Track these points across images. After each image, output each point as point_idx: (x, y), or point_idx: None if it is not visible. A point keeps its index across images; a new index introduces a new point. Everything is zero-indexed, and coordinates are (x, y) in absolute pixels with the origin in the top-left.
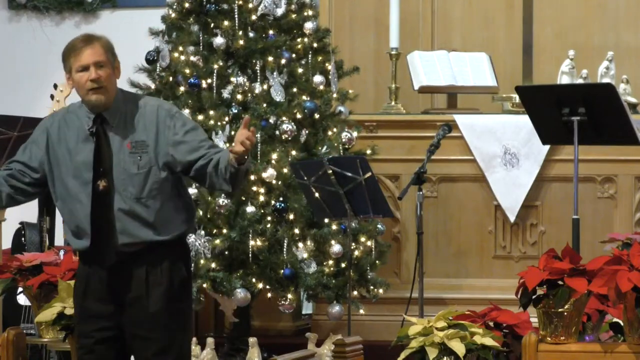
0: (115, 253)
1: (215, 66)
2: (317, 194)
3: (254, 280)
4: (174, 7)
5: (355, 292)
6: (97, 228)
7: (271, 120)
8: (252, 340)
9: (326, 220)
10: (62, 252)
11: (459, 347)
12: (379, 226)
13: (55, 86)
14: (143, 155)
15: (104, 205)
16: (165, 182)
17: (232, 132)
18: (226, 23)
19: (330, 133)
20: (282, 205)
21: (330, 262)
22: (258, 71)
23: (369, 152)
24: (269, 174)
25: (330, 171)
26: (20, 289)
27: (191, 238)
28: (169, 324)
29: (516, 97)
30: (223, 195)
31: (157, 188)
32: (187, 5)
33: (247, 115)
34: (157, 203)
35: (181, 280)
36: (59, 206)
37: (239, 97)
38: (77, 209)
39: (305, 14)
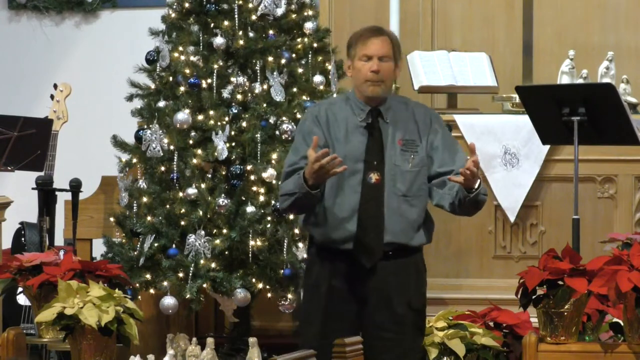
0: (380, 250)
1: (215, 66)
2: None
3: (254, 280)
4: (174, 7)
5: None
6: (366, 221)
7: (271, 120)
8: (252, 340)
9: None
10: (62, 252)
11: (459, 347)
12: None
13: (55, 86)
14: (415, 155)
15: (376, 197)
16: (425, 187)
17: (232, 132)
18: (226, 23)
19: None
20: None
21: None
22: (258, 71)
23: None
24: (269, 174)
25: None
26: (20, 289)
27: (191, 238)
28: (411, 327)
29: (516, 97)
30: (223, 195)
31: (423, 189)
32: (187, 5)
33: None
34: (421, 204)
35: (424, 282)
36: (325, 193)
37: (239, 97)
38: (343, 197)
39: (305, 14)
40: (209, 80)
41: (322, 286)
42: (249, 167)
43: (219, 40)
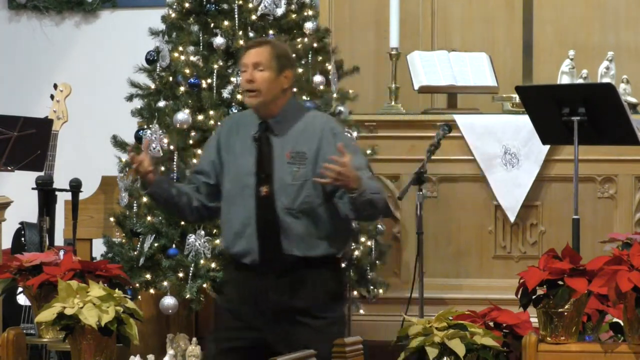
0: (278, 260)
1: (215, 66)
2: None
3: None
4: (174, 7)
5: (355, 292)
6: (264, 232)
7: None
8: None
9: None
10: (62, 252)
11: (459, 347)
12: (379, 226)
13: (55, 86)
14: (300, 167)
15: (269, 209)
16: (317, 199)
17: None
18: (226, 23)
19: None
20: None
21: None
22: None
23: (369, 152)
24: None
25: None
26: (20, 289)
27: (191, 238)
28: (316, 337)
29: (516, 97)
30: None
31: (315, 202)
32: (187, 5)
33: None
34: (311, 217)
35: (332, 293)
36: (222, 208)
37: (239, 97)
38: (236, 211)
39: (305, 14)
40: (209, 80)
41: (229, 294)
42: None
43: (219, 40)
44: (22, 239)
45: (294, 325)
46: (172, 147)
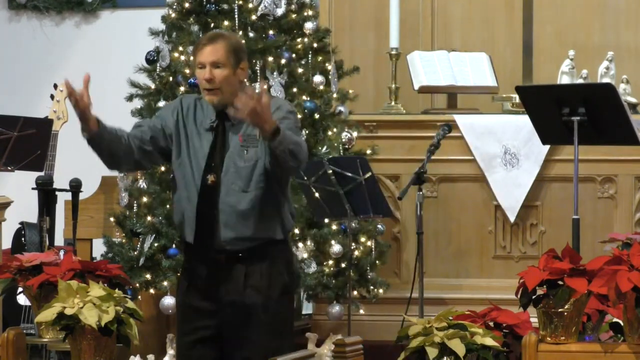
0: (218, 250)
1: None
2: (317, 194)
3: None
4: (174, 7)
5: (355, 292)
6: (202, 220)
7: None
8: None
9: (326, 220)
10: (62, 252)
11: (459, 347)
12: (379, 226)
13: (55, 86)
14: (250, 149)
15: (211, 199)
16: (269, 179)
17: None
18: (226, 23)
19: (330, 133)
20: None
21: (330, 262)
22: (258, 71)
23: (369, 152)
24: None
25: (330, 171)
26: (20, 289)
27: None
28: (265, 329)
29: (516, 97)
30: None
31: (263, 181)
32: (187, 5)
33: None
34: (260, 198)
35: (281, 284)
36: (174, 184)
37: None
38: (187, 191)
39: (305, 14)
40: None
41: (183, 281)
42: None
43: None
44: (22, 239)
45: (244, 316)
46: None
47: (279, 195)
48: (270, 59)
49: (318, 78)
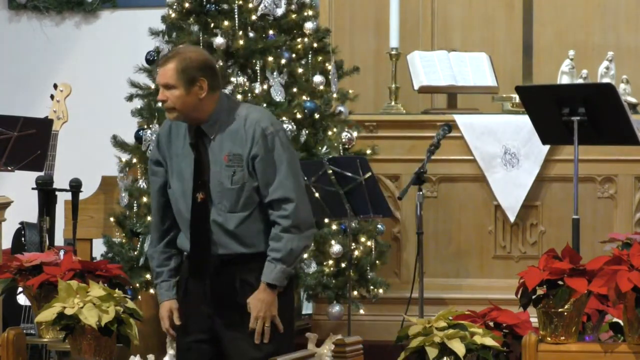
0: (213, 255)
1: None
2: (317, 194)
3: None
4: (174, 7)
5: (355, 292)
6: (196, 237)
7: None
8: None
9: (326, 220)
10: (62, 252)
11: (459, 347)
12: (379, 226)
13: (55, 86)
14: (237, 170)
15: (202, 216)
16: (255, 195)
17: None
18: (226, 23)
19: (330, 133)
20: None
21: (330, 262)
22: (258, 71)
23: (369, 152)
24: None
25: (330, 171)
26: (20, 289)
27: None
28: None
29: (516, 97)
30: None
31: (251, 202)
32: (187, 5)
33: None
34: (249, 218)
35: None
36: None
37: (239, 97)
38: (180, 211)
39: (305, 14)
40: None
41: (181, 283)
42: None
43: (219, 40)
44: (22, 239)
45: (241, 317)
46: None
47: (264, 213)
48: (270, 59)
49: (318, 78)
